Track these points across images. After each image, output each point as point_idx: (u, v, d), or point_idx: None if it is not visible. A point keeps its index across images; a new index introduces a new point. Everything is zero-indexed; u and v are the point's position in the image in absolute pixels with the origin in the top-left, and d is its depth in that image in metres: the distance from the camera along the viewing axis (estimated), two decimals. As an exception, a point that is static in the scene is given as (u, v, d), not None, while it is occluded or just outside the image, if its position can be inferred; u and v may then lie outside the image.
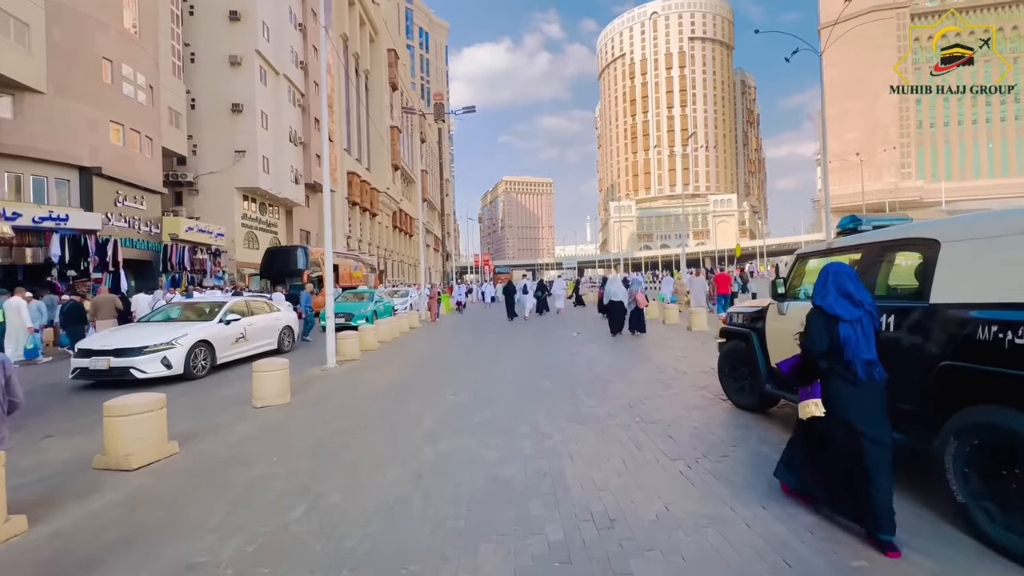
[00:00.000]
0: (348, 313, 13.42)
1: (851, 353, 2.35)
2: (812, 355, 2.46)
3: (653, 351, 8.28)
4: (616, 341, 9.99)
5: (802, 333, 2.56)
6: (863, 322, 2.38)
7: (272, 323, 9.18)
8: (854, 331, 2.35)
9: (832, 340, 2.39)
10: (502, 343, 10.19)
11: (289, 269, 20.29)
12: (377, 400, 5.50)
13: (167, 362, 6.66)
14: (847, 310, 2.38)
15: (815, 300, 2.52)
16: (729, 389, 4.75)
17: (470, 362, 7.90)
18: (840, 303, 2.41)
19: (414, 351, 9.57)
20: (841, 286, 2.44)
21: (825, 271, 2.55)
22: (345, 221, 44.77)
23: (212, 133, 27.77)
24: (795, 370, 2.60)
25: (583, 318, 16.21)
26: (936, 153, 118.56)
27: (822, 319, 2.43)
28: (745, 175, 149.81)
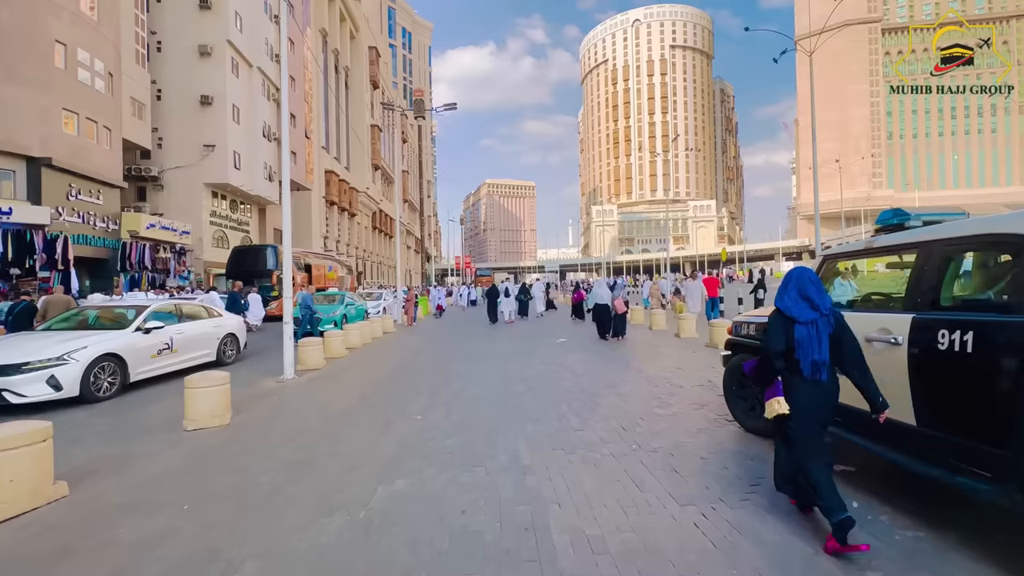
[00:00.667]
0: (316, 318, 12.56)
1: (802, 353, 2.46)
2: (769, 354, 2.56)
3: (643, 361, 7.69)
4: (603, 348, 9.43)
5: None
6: (818, 324, 2.47)
7: (209, 331, 7.89)
8: (809, 333, 2.46)
9: (789, 341, 2.51)
10: (481, 350, 9.49)
11: (258, 269, 19.20)
12: (333, 420, 4.75)
13: (55, 382, 5.34)
14: (803, 313, 2.49)
15: (776, 302, 2.64)
16: (737, 410, 4.16)
17: (445, 373, 7.18)
18: (798, 306, 2.52)
19: (384, 359, 8.79)
20: (802, 290, 2.55)
21: (789, 275, 2.67)
22: (322, 221, 43.49)
23: (179, 126, 26.42)
24: (756, 371, 2.70)
25: (565, 322, 15.62)
26: (905, 163, 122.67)
27: (780, 321, 2.56)
28: (724, 182, 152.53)
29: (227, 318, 8.56)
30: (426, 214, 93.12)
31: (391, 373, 7.29)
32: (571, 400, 5.28)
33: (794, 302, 2.54)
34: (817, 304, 2.49)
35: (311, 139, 38.62)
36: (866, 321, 2.72)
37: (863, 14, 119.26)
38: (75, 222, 18.54)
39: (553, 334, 12.34)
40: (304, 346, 7.83)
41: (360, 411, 5.07)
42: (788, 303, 2.55)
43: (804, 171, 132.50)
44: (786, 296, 2.58)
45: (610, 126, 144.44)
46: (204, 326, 7.84)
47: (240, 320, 8.93)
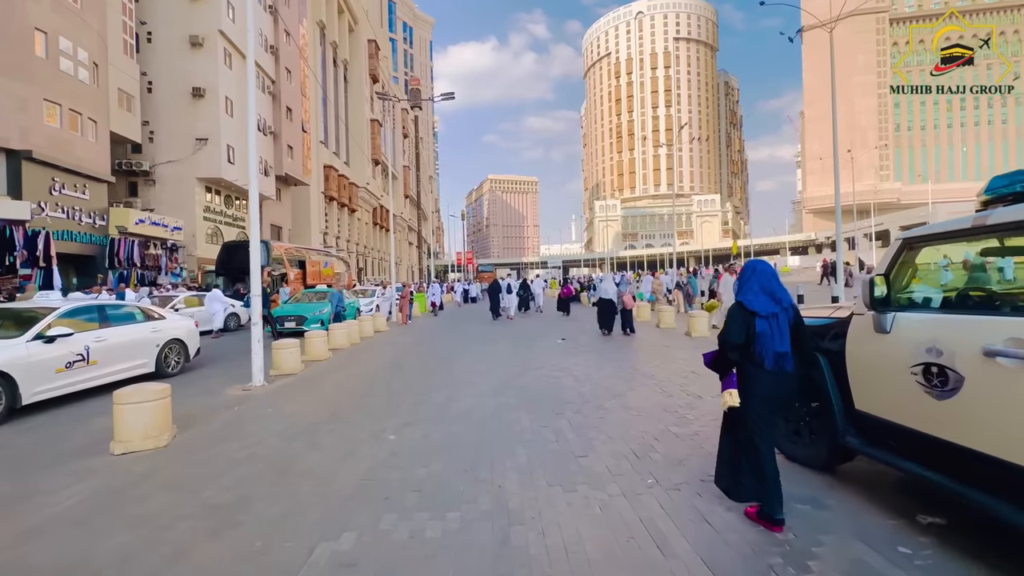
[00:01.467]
0: (299, 316, 11.84)
1: (762, 345, 2.50)
2: (727, 347, 2.56)
3: (653, 364, 6.93)
4: (606, 349, 8.67)
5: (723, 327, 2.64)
6: (779, 318, 2.51)
7: (144, 337, 6.59)
8: (769, 326, 2.50)
9: (749, 334, 2.52)
10: (475, 352, 8.74)
11: (248, 265, 18.52)
12: (291, 442, 4.01)
13: None
14: (765, 306, 2.52)
15: (737, 296, 2.65)
16: (776, 432, 3.39)
17: (432, 379, 6.43)
18: (759, 299, 2.54)
19: (368, 363, 8.05)
20: (765, 284, 2.59)
21: (751, 267, 2.67)
22: (321, 216, 42.84)
23: (171, 119, 25.72)
24: (714, 363, 2.69)
25: (566, 319, 14.85)
26: (913, 155, 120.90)
27: (741, 314, 2.57)
28: (728, 176, 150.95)
29: (172, 321, 7.30)
30: (428, 210, 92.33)
31: (372, 380, 6.54)
32: (572, 414, 4.52)
33: (755, 296, 2.56)
34: (779, 298, 2.54)
35: (308, 133, 37.87)
36: (983, 327, 1.95)
37: (871, 3, 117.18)
38: (59, 217, 17.88)
39: (553, 333, 11.58)
40: (280, 349, 7.10)
41: (326, 429, 4.32)
42: (750, 297, 2.57)
43: (810, 164, 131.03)
44: (747, 290, 2.60)
45: (613, 120, 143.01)
46: (136, 331, 6.54)
47: (190, 323, 7.71)
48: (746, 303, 2.55)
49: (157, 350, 6.78)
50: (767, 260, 2.86)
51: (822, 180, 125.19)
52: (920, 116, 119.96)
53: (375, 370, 7.32)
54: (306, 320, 11.79)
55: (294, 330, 11.44)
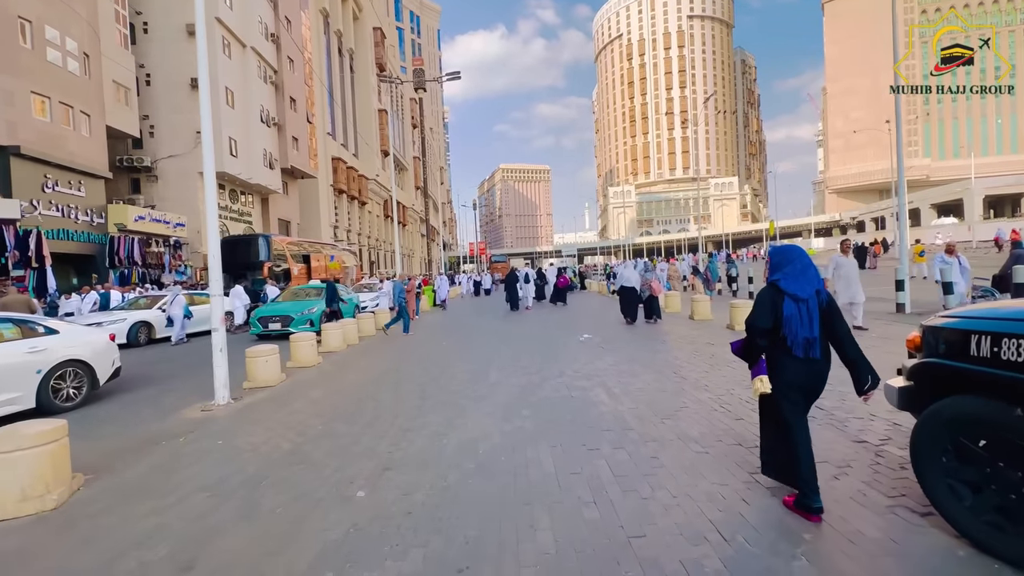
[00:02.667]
0: (284, 316, 10.70)
1: (791, 331, 2.40)
2: (755, 332, 2.48)
3: (699, 369, 5.69)
4: (638, 347, 7.45)
5: None
6: (810, 303, 2.42)
7: (18, 361, 4.91)
8: (798, 310, 2.40)
9: (776, 319, 2.43)
10: (485, 354, 7.58)
11: (249, 261, 17.62)
12: (224, 501, 2.90)
13: None
14: (803, 289, 2.43)
15: (770, 276, 2.57)
16: (950, 505, 2.11)
17: (430, 393, 5.28)
18: (798, 282, 2.45)
19: (360, 371, 6.93)
20: (804, 267, 2.49)
21: (786, 251, 2.60)
22: (331, 210, 42.09)
23: (171, 112, 24.96)
24: (742, 350, 2.62)
25: (588, 309, 13.62)
26: (944, 129, 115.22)
27: (771, 297, 2.48)
28: (746, 157, 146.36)
29: (68, 336, 5.49)
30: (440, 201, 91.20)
31: (359, 395, 5.42)
32: (611, 450, 3.33)
33: (794, 279, 2.46)
34: (813, 282, 2.46)
35: (314, 124, 36.93)
36: None
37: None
38: (53, 216, 17.20)
39: (574, 327, 10.38)
40: (255, 357, 6.03)
41: (278, 478, 3.20)
42: (787, 279, 2.47)
43: (833, 142, 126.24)
44: (783, 272, 2.51)
45: (626, 104, 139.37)
46: (5, 354, 4.82)
47: (98, 338, 5.92)
48: (782, 285, 2.47)
49: (39, 377, 5.02)
50: (789, 243, 2.59)
51: (846, 158, 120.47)
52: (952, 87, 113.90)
53: (366, 380, 6.21)
54: (293, 320, 10.60)
55: (280, 332, 10.37)
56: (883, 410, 3.79)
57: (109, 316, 11.09)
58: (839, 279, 6.98)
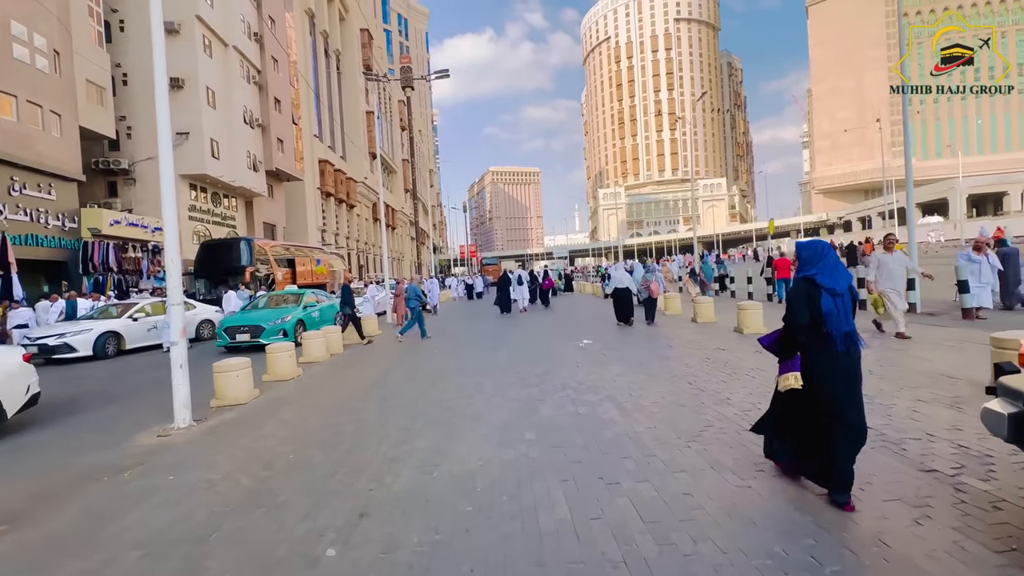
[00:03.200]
0: (254, 327, 9.71)
1: (832, 326, 2.39)
2: (794, 328, 2.48)
3: (716, 378, 5.20)
4: (644, 352, 6.98)
5: None
6: (845, 297, 2.43)
7: None
8: (835, 305, 2.41)
9: (814, 314, 2.43)
10: (477, 364, 7.02)
11: (231, 266, 16.86)
12: (156, 565, 2.34)
13: None
14: (839, 283, 2.44)
15: (802, 272, 2.55)
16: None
17: (418, 410, 4.68)
18: (833, 276, 2.46)
19: (342, 385, 6.31)
20: (836, 262, 2.50)
21: (819, 246, 2.58)
22: (318, 213, 41.28)
23: (149, 113, 23.86)
24: (775, 344, 2.62)
25: (582, 311, 13.13)
26: (927, 130, 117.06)
27: (807, 292, 2.47)
28: (733, 159, 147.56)
29: None
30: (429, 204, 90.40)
31: (338, 414, 4.82)
32: (633, 484, 2.79)
33: (829, 273, 2.46)
34: (846, 275, 2.48)
35: (300, 125, 36.14)
36: None
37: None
38: (21, 220, 16.33)
39: (572, 331, 9.86)
40: (223, 372, 5.41)
41: (229, 529, 2.62)
42: (823, 274, 2.46)
43: (819, 143, 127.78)
44: (817, 267, 2.49)
45: (614, 106, 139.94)
46: None
47: (13, 362, 4.82)
48: (819, 279, 2.46)
49: None
50: (817, 239, 2.88)
51: (831, 159, 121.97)
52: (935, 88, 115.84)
53: (348, 395, 5.62)
54: (264, 331, 9.58)
55: (250, 343, 9.54)
56: (939, 428, 3.32)
57: (75, 326, 10.36)
58: (884, 279, 6.38)
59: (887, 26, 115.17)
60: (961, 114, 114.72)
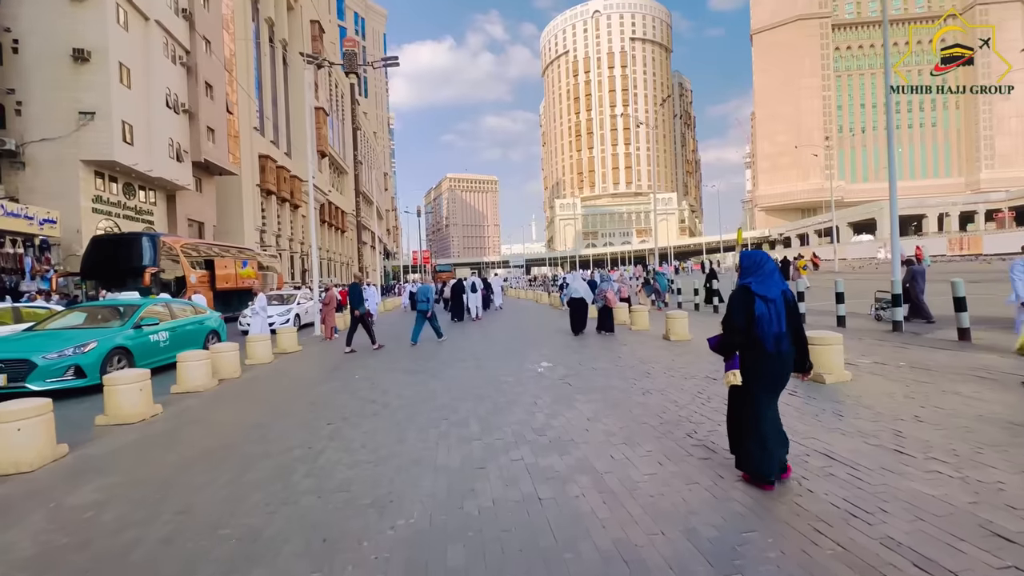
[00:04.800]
0: (16, 362, 5.97)
1: (763, 328, 2.64)
2: (732, 330, 2.71)
3: (704, 412, 3.93)
4: (609, 372, 5.66)
5: None
6: (777, 302, 2.65)
7: None
8: (768, 310, 2.64)
9: (749, 317, 2.66)
10: (405, 397, 5.41)
11: (130, 266, 14.24)
12: None
13: None
14: (771, 290, 2.67)
15: (741, 280, 2.79)
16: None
17: (290, 495, 3.03)
18: (765, 284, 2.69)
19: (199, 437, 4.48)
20: (772, 272, 2.72)
21: (756, 257, 2.83)
22: (257, 212, 38.06)
23: (45, 87, 20.81)
24: (719, 346, 2.82)
25: (541, 324, 11.77)
26: (855, 156, 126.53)
27: (743, 298, 2.70)
28: (683, 175, 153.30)
29: None
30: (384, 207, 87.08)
31: (162, 497, 3.09)
32: None
33: (763, 281, 2.70)
34: (778, 284, 2.70)
35: (235, 115, 33.07)
36: None
37: (815, 9, 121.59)
38: None
39: (528, 347, 8.44)
40: (4, 420, 3.50)
41: None
42: (758, 282, 2.70)
43: (761, 163, 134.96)
44: (754, 276, 2.73)
45: (572, 118, 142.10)
46: None
47: None
48: (753, 287, 2.68)
49: None
50: (757, 250, 3.02)
51: (773, 179, 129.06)
52: (860, 118, 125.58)
53: (197, 454, 3.83)
54: (33, 371, 5.93)
55: (7, 391, 5.71)
56: None
57: None
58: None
59: (822, 58, 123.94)
60: (884, 143, 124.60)
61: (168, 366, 7.06)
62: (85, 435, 4.42)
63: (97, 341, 6.56)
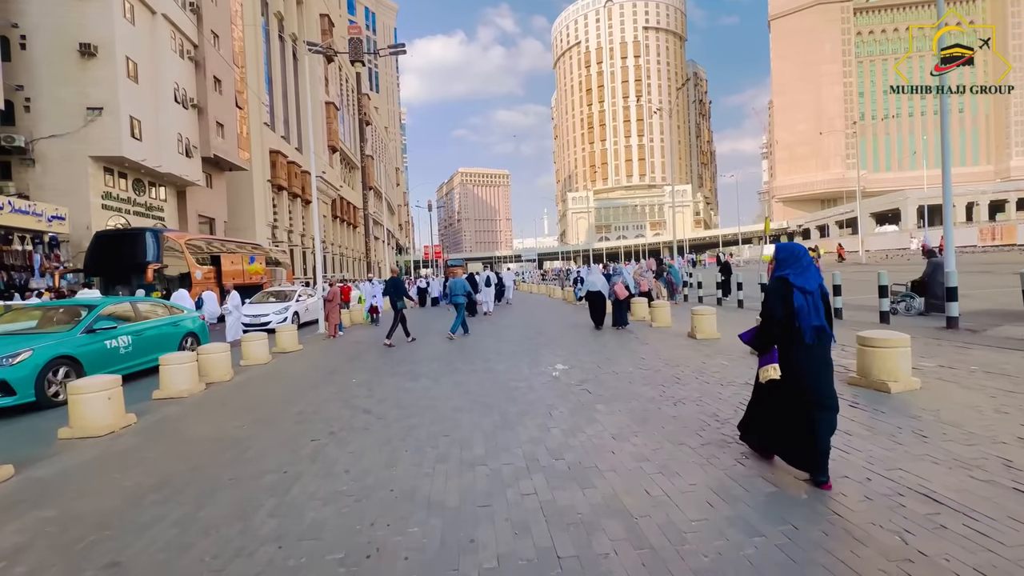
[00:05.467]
0: None
1: (802, 321, 2.60)
2: (771, 323, 2.69)
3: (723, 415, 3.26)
4: (632, 375, 5.01)
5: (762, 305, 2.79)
6: (815, 295, 2.62)
7: None
8: (807, 302, 2.61)
9: (788, 310, 2.63)
10: (402, 411, 4.80)
11: (133, 262, 13.92)
12: None
13: None
14: (809, 282, 2.64)
15: (778, 272, 2.75)
16: None
17: (247, 543, 2.46)
18: (804, 276, 2.67)
19: (165, 455, 3.98)
20: (806, 264, 2.71)
21: (792, 249, 2.81)
22: (268, 208, 37.96)
23: (54, 83, 20.65)
24: (755, 339, 2.81)
25: (552, 320, 11.13)
26: (877, 144, 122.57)
27: (782, 290, 2.67)
28: (698, 166, 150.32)
29: None
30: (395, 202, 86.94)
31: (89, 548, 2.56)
32: None
33: (801, 274, 2.67)
34: (817, 276, 2.68)
35: (245, 110, 32.82)
36: None
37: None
38: None
39: (542, 347, 7.81)
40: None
41: None
42: (796, 274, 2.67)
43: (779, 153, 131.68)
44: (792, 268, 2.70)
45: (584, 110, 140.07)
46: None
47: None
48: (791, 279, 2.66)
49: None
50: (794, 242, 3.09)
51: (792, 169, 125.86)
52: (884, 105, 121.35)
53: (162, 477, 3.30)
54: None
55: None
56: None
57: None
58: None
59: (843, 43, 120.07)
60: (908, 130, 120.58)
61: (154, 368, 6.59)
62: (44, 451, 3.92)
63: (32, 350, 5.48)
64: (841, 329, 6.76)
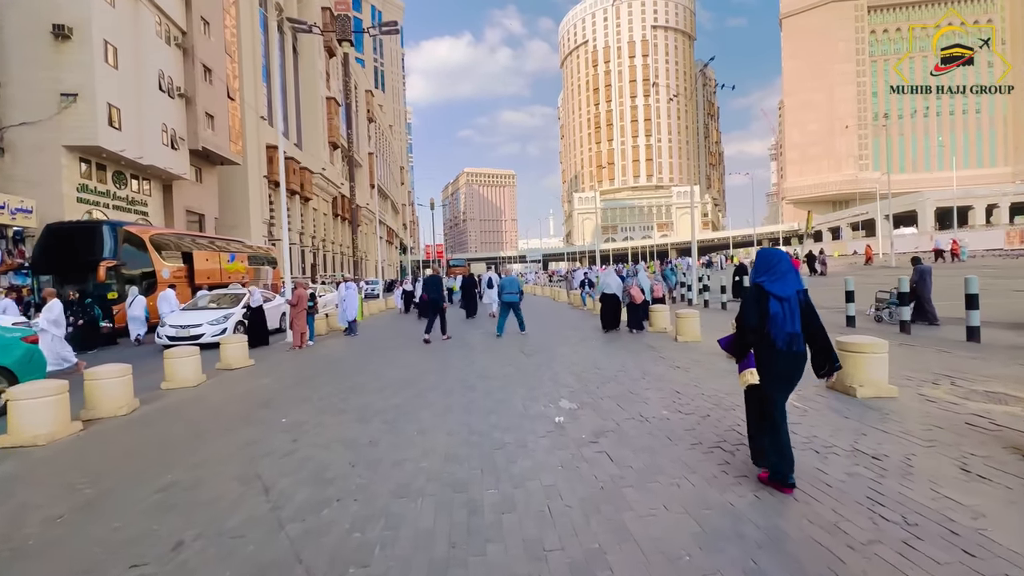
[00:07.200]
0: None
1: (775, 327, 2.60)
2: (745, 329, 2.69)
3: None
4: (661, 426, 3.38)
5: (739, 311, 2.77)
6: (791, 302, 2.61)
7: None
8: (782, 308, 2.60)
9: (762, 316, 2.63)
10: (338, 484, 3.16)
11: (88, 258, 12.39)
12: None
13: None
14: (784, 289, 2.62)
15: (755, 278, 2.75)
16: None
17: None
18: (778, 283, 2.65)
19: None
20: (783, 270, 2.67)
21: (771, 254, 2.79)
22: (264, 205, 36.57)
23: (24, 67, 19.23)
24: (731, 345, 2.81)
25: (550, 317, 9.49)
26: (891, 145, 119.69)
27: (756, 297, 2.67)
28: (706, 167, 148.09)
29: None
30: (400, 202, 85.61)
31: None
32: None
33: (777, 280, 2.65)
34: (793, 283, 2.64)
35: (237, 101, 31.39)
36: None
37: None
38: None
39: (544, 367, 6.17)
40: None
41: None
42: (771, 281, 2.66)
43: (789, 154, 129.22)
44: (767, 275, 2.69)
45: (591, 110, 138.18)
46: None
47: None
48: (765, 286, 2.65)
49: None
50: (775, 248, 2.87)
51: (803, 170, 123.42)
52: (898, 105, 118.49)
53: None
54: None
55: None
56: None
57: None
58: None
59: (857, 42, 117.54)
60: (923, 131, 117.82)
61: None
62: None
63: None
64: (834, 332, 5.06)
